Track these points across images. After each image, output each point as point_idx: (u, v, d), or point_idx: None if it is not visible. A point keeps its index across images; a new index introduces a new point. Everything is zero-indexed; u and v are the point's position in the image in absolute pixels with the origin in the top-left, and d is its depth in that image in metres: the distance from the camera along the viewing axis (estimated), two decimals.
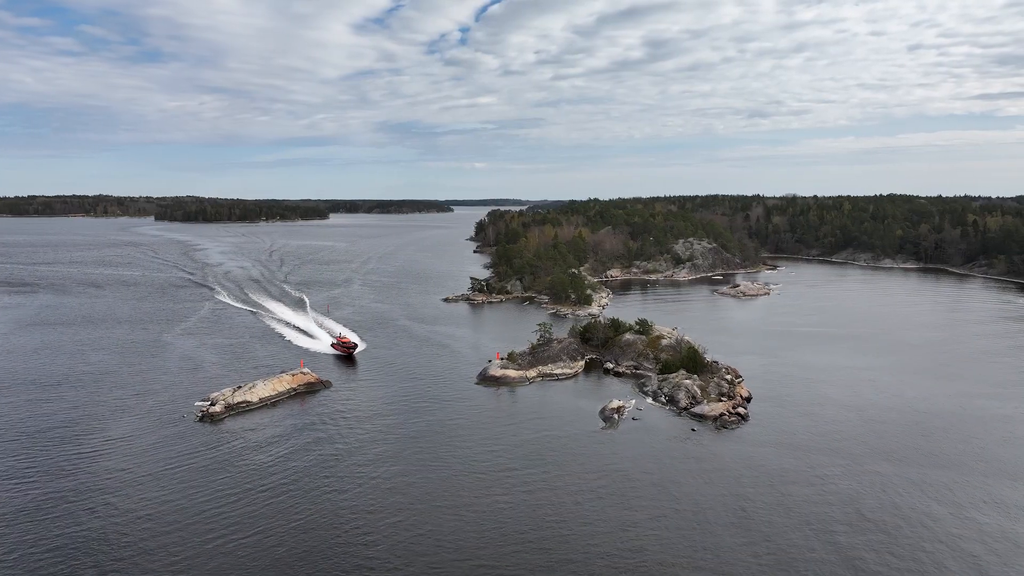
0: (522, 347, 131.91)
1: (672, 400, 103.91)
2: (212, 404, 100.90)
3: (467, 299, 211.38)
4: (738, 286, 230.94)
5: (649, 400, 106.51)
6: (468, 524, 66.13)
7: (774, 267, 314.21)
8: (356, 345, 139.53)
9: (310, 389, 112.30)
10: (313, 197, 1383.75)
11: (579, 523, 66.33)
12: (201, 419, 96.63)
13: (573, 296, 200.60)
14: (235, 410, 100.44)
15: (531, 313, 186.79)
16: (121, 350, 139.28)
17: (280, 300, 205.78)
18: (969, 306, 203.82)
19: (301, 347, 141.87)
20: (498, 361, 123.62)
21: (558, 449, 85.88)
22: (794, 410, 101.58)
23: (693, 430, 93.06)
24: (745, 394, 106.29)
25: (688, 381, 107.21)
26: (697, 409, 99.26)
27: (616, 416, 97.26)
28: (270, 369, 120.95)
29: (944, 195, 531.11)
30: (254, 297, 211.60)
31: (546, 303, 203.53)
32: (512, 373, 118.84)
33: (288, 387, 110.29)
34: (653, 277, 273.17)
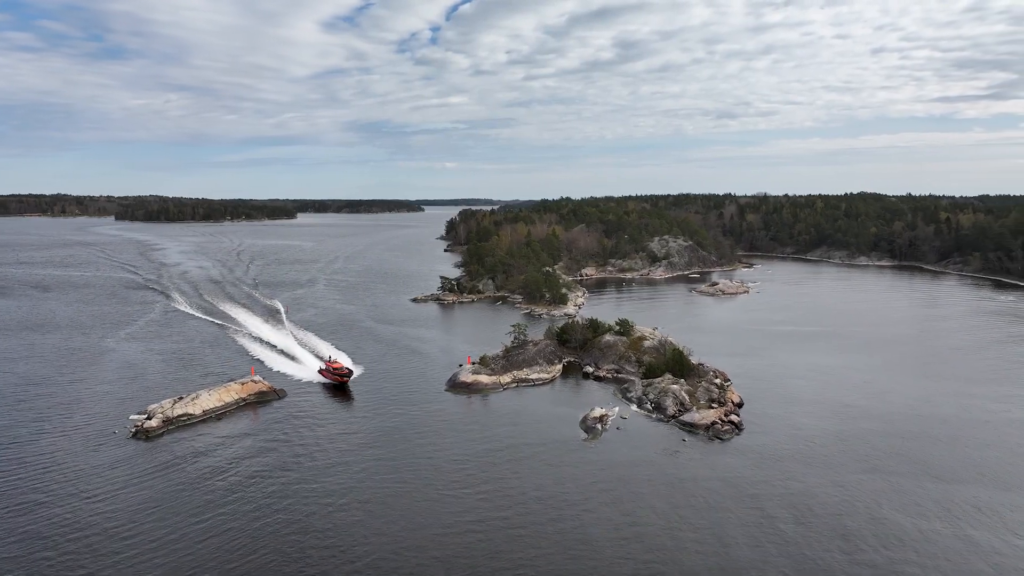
0: (495, 350, 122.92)
1: (659, 407, 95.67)
2: (148, 418, 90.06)
3: (437, 299, 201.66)
4: (716, 284, 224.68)
5: (634, 407, 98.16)
6: (435, 551, 56.90)
7: (750, 265, 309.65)
8: (351, 372, 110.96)
9: (261, 399, 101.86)
10: (282, 197, 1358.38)
11: (563, 555, 57.46)
12: (135, 435, 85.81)
13: (548, 295, 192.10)
14: (175, 424, 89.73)
15: (504, 313, 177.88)
16: (56, 358, 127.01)
17: (246, 306, 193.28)
18: (953, 303, 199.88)
19: (274, 367, 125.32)
20: (469, 366, 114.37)
21: (536, 464, 76.99)
22: (790, 417, 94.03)
23: (684, 441, 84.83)
24: (736, 400, 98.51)
25: (675, 386, 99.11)
26: (687, 417, 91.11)
27: (599, 426, 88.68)
28: (220, 378, 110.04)
29: (912, 194, 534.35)
30: (212, 300, 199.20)
31: (520, 303, 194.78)
32: (484, 379, 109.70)
33: (236, 397, 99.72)
34: (629, 275, 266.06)
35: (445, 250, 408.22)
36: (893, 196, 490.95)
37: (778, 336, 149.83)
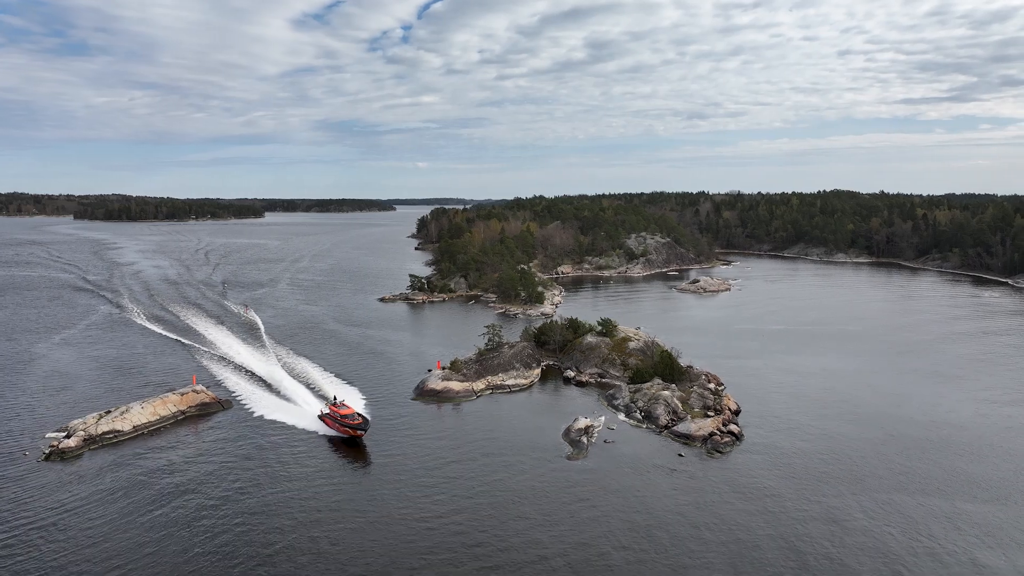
0: (467, 353, 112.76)
1: (649, 416, 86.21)
2: (67, 436, 78.18)
3: (406, 299, 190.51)
4: (697, 282, 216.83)
5: (622, 416, 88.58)
6: None
7: (728, 262, 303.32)
8: (366, 422, 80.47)
9: (203, 411, 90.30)
10: (251, 197, 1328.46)
11: None
12: (48, 456, 73.88)
13: (523, 294, 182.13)
14: (98, 442, 77.93)
15: (477, 313, 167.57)
16: None
17: (202, 307, 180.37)
18: (940, 300, 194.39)
19: (219, 375, 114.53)
20: (439, 371, 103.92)
21: (515, 487, 66.96)
22: (793, 424, 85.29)
23: (681, 456, 75.39)
24: (733, 407, 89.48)
25: (666, 393, 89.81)
26: (681, 428, 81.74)
27: (584, 439, 78.90)
28: (159, 389, 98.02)
29: (885, 191, 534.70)
30: (163, 302, 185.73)
31: (494, 302, 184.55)
32: (456, 385, 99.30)
33: (174, 410, 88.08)
34: (606, 273, 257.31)
35: (416, 248, 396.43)
36: (866, 194, 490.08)
37: (767, 335, 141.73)
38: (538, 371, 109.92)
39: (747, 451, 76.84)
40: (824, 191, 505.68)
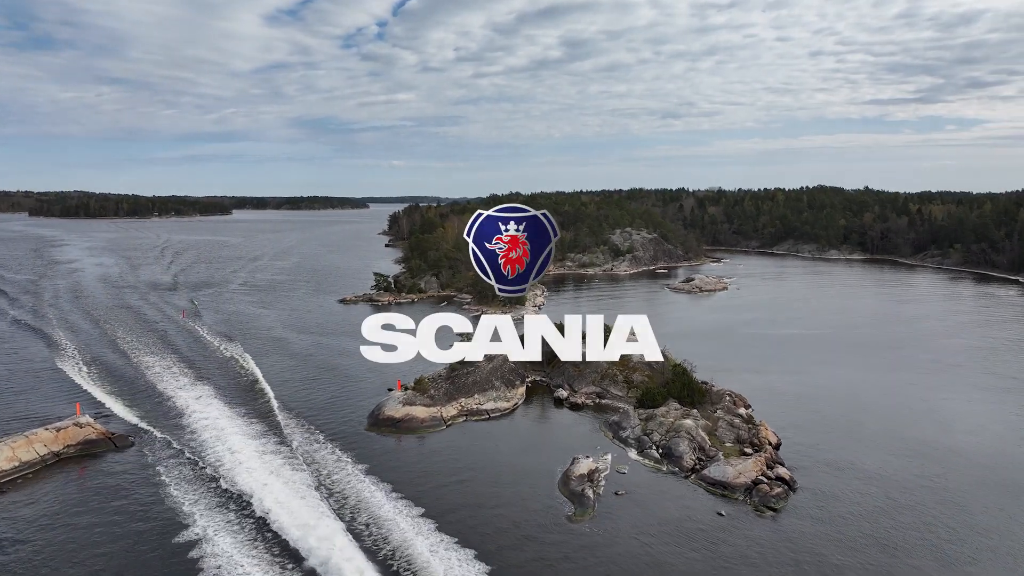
0: (436, 366, 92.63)
1: (670, 455, 66.84)
2: None
3: (369, 300, 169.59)
4: (692, 280, 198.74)
5: (633, 454, 69.20)
6: None
7: (718, 260, 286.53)
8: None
9: (88, 451, 69.05)
10: (221, 194, 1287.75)
11: None
12: None
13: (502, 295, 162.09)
14: None
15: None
16: None
17: (136, 320, 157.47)
18: (960, 300, 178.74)
19: (108, 403, 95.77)
20: (399, 392, 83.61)
21: (499, 572, 47.21)
22: (844, 464, 66.62)
23: (721, 515, 56.16)
24: (773, 439, 70.60)
25: (688, 422, 70.59)
26: (714, 472, 62.48)
27: (589, 490, 59.33)
28: (32, 421, 76.32)
29: (869, 187, 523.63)
30: (88, 308, 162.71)
31: (468, 303, 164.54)
32: (420, 411, 79.14)
33: (47, 451, 66.77)
34: (590, 271, 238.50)
35: (387, 245, 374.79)
36: (851, 189, 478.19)
37: (783, 342, 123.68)
38: (522, 389, 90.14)
39: (803, 506, 57.87)
40: (806, 187, 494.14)
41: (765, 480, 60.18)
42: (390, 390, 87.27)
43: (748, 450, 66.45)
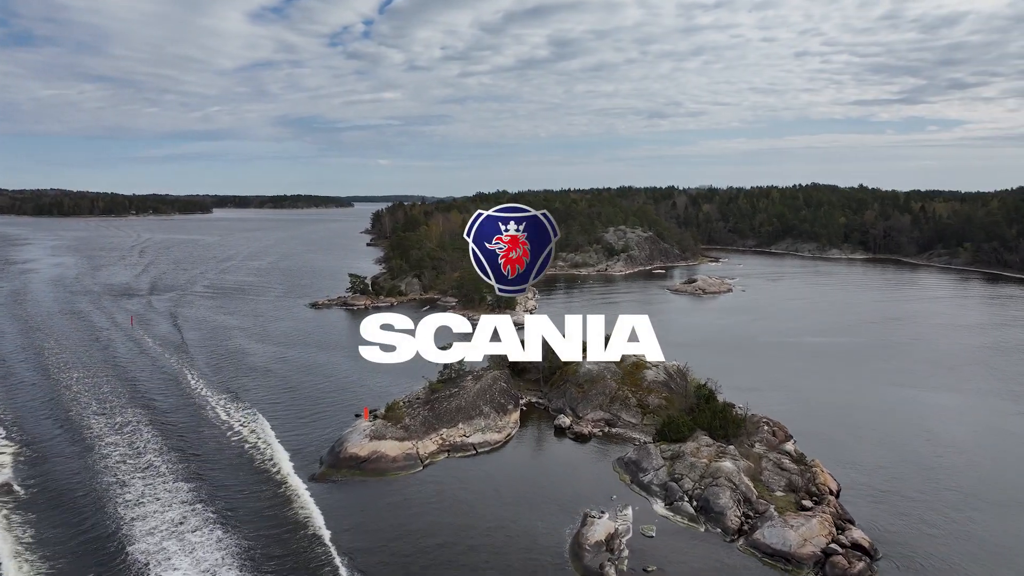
0: (413, 387, 77.87)
1: (707, 509, 52.27)
2: None
3: (344, 304, 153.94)
4: (694, 282, 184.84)
5: (659, 506, 54.58)
6: None
7: (716, 259, 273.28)
8: None
9: None
10: (203, 193, 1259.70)
11: None
12: None
13: (489, 298, 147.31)
14: None
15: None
16: None
17: (77, 327, 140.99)
18: (988, 304, 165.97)
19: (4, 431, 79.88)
20: (366, 422, 68.46)
21: None
22: (920, 518, 52.48)
23: None
24: (832, 485, 56.26)
25: (728, 465, 55.98)
26: (770, 535, 47.91)
27: (610, 566, 44.68)
28: None
29: (863, 186, 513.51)
30: (30, 316, 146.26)
31: (453, 307, 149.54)
32: (391, 447, 64.07)
33: None
34: (584, 272, 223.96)
35: (368, 244, 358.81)
36: (846, 187, 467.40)
37: (809, 352, 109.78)
38: (516, 415, 75.35)
39: None
40: (802, 185, 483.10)
41: (839, 549, 45.76)
42: (357, 416, 72.30)
43: (807, 502, 52.14)
